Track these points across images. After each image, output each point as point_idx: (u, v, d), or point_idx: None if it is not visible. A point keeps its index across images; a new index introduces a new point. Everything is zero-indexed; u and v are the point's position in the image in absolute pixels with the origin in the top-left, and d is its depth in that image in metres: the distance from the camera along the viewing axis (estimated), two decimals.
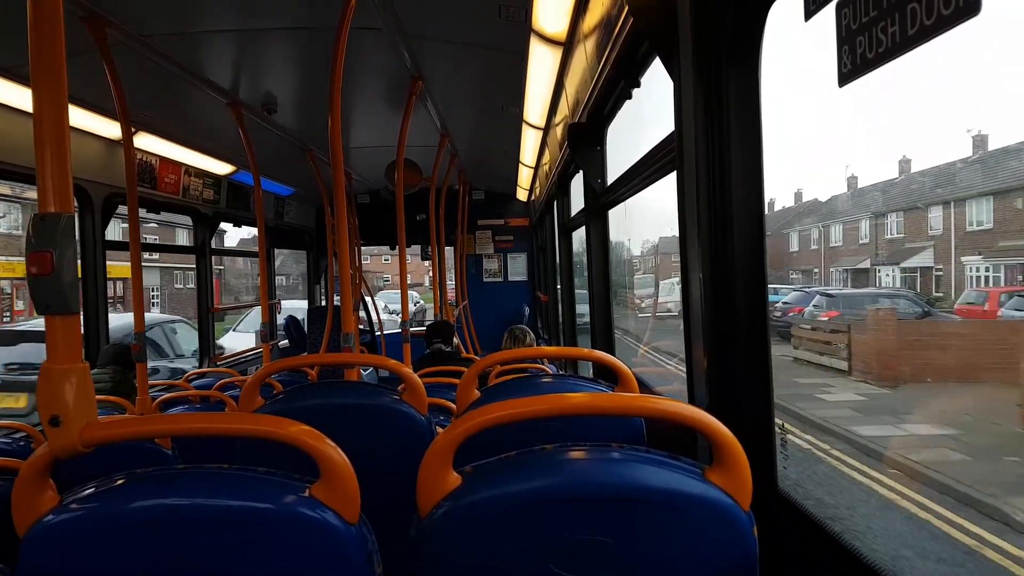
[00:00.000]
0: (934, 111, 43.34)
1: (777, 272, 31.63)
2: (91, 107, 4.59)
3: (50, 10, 1.53)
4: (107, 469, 1.41)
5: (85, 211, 5.16)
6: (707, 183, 1.96)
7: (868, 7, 1.33)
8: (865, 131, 45.68)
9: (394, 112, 5.10)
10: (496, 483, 1.33)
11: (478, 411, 1.37)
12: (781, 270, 32.20)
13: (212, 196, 7.04)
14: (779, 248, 32.77)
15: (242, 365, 7.95)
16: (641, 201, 3.88)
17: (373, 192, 10.05)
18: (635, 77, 3.23)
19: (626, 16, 2.61)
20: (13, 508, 1.29)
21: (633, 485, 1.30)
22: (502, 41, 3.92)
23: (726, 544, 1.29)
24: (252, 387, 2.46)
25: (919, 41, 1.19)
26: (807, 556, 1.75)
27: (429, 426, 2.39)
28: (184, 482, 1.35)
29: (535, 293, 10.86)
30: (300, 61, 4.45)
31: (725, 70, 1.89)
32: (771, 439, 1.92)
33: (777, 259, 32.72)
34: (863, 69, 1.37)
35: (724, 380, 1.97)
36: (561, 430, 1.99)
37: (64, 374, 1.48)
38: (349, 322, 3.68)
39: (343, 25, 3.22)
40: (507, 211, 11.03)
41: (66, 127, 1.53)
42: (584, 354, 3.34)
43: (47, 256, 1.50)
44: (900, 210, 23.73)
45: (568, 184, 6.24)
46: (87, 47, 3.44)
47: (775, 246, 32.13)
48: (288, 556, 1.28)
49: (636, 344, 15.26)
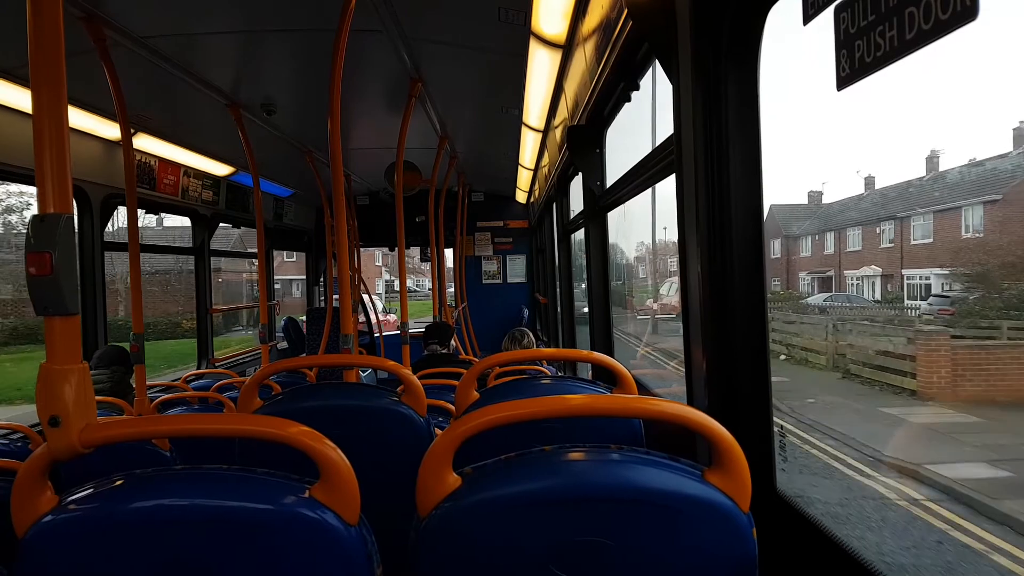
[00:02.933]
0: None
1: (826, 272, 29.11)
2: (90, 108, 4.59)
3: (50, 11, 1.53)
4: (104, 471, 1.41)
5: (84, 212, 5.16)
6: (706, 186, 1.96)
7: (866, 11, 1.34)
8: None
9: (394, 114, 5.11)
10: (495, 484, 1.33)
11: (477, 412, 1.37)
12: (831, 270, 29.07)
13: (211, 197, 7.04)
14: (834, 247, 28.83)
15: (240, 366, 7.94)
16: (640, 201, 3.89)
17: (372, 194, 10.05)
18: (634, 80, 3.23)
19: (625, 19, 2.61)
20: (12, 509, 1.29)
21: (633, 486, 1.30)
22: (502, 43, 3.92)
23: (726, 546, 1.29)
24: (251, 388, 2.46)
25: (917, 45, 1.20)
26: (805, 557, 1.76)
27: (428, 427, 2.39)
28: (184, 483, 1.35)
29: (534, 295, 10.86)
30: (300, 63, 4.45)
31: (724, 73, 1.89)
32: (770, 440, 1.92)
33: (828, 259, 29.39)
34: (861, 73, 1.37)
35: (723, 382, 1.97)
36: (560, 432, 1.99)
37: (63, 375, 1.48)
38: (348, 323, 3.68)
39: (343, 27, 3.22)
40: (506, 213, 11.04)
41: (66, 128, 1.53)
42: (583, 356, 3.35)
43: (46, 257, 1.50)
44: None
45: (567, 186, 6.24)
46: (86, 48, 3.44)
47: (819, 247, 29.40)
48: (288, 557, 1.28)
49: (637, 343, 15.23)
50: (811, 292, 29.46)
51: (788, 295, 29.89)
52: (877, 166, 51.17)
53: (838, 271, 28.31)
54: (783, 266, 30.70)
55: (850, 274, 27.04)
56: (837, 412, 11.36)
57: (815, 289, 29.41)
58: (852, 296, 25.77)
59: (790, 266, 31.13)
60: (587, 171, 4.31)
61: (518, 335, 5.46)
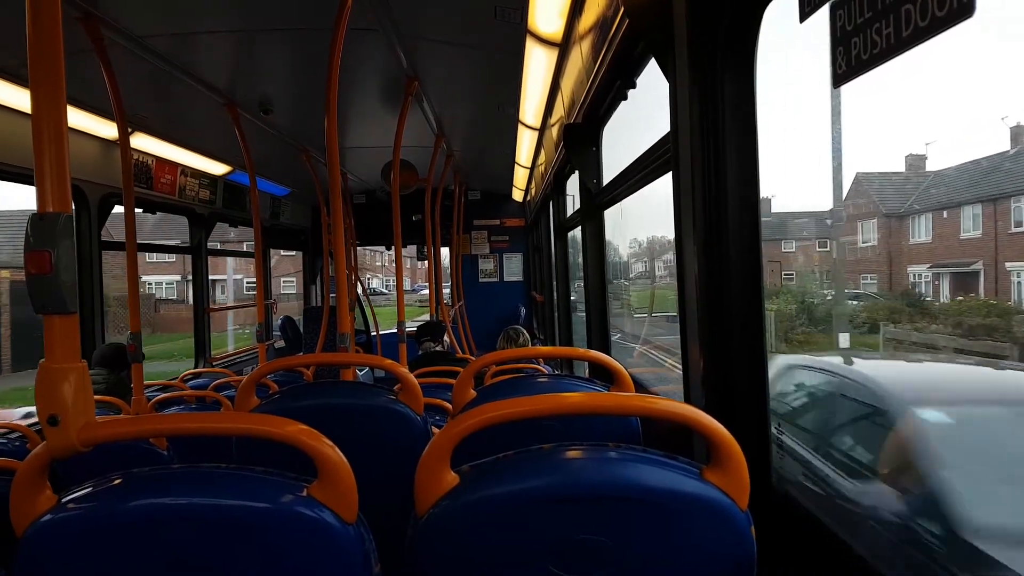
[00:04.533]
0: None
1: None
2: (87, 107, 4.59)
3: (48, 11, 1.53)
4: (101, 470, 1.41)
5: (81, 211, 5.15)
6: (703, 184, 1.96)
7: (863, 8, 1.34)
8: None
9: (390, 112, 5.10)
10: (493, 483, 1.34)
11: (475, 411, 1.37)
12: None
13: (208, 196, 7.04)
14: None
15: (237, 365, 7.93)
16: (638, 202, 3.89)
17: (369, 192, 10.05)
18: (631, 78, 3.24)
19: (622, 17, 2.61)
20: (11, 508, 1.29)
21: (632, 485, 1.30)
22: (498, 42, 3.92)
23: (724, 544, 1.30)
24: (248, 387, 2.46)
25: (914, 42, 1.20)
26: (804, 554, 1.76)
27: (425, 426, 2.40)
28: (182, 482, 1.35)
29: (531, 293, 10.86)
30: (296, 61, 4.45)
31: (721, 71, 1.89)
32: (767, 438, 1.93)
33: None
34: (858, 70, 1.38)
35: (720, 380, 1.98)
36: (558, 430, 1.99)
37: (62, 374, 1.48)
38: (345, 322, 3.68)
39: (339, 26, 3.22)
40: (503, 211, 11.04)
41: (64, 127, 1.53)
42: (580, 354, 3.35)
43: (45, 256, 1.50)
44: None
45: (564, 184, 6.25)
46: (84, 48, 3.44)
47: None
48: (286, 555, 1.28)
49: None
50: (927, 293, 18.64)
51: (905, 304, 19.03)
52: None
53: (994, 261, 17.09)
54: (884, 257, 19.82)
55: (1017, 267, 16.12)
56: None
57: (944, 289, 19.71)
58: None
59: (895, 257, 20.04)
60: (583, 169, 4.31)
61: (513, 334, 5.47)
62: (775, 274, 9.16)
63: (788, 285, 9.61)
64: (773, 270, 9.28)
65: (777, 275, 9.52)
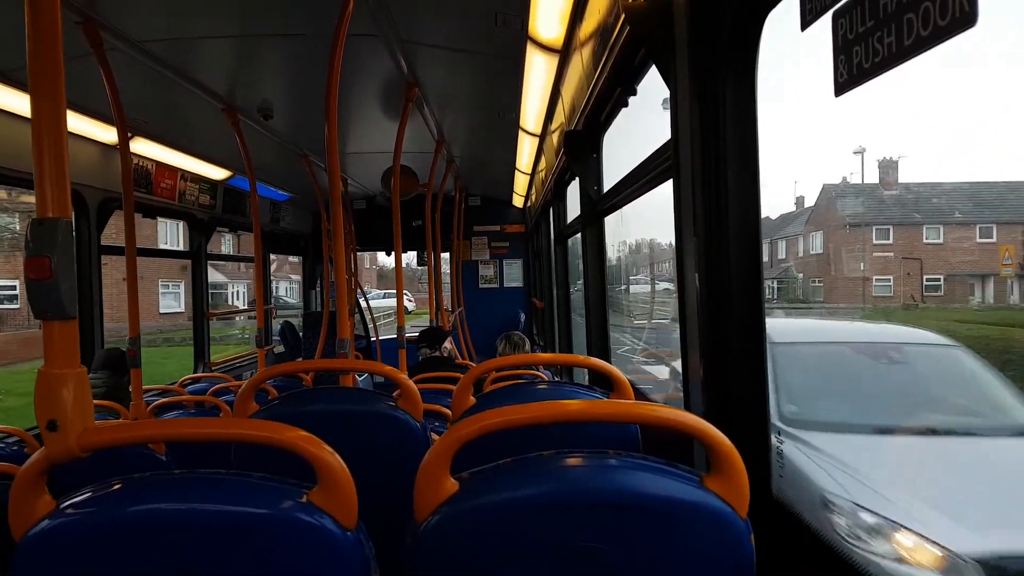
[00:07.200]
0: None
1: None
2: (87, 112, 4.59)
3: (48, 15, 1.53)
4: (100, 475, 1.40)
5: (80, 216, 5.15)
6: (703, 191, 1.97)
7: (865, 17, 1.35)
8: None
9: (390, 118, 5.11)
10: (493, 489, 1.33)
11: (474, 418, 1.36)
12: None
13: (208, 201, 7.03)
14: None
15: (237, 371, 7.93)
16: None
17: (369, 198, 10.06)
18: (631, 85, 3.24)
19: (623, 24, 2.62)
20: (9, 513, 1.29)
21: (632, 492, 1.30)
22: (499, 48, 3.93)
23: (724, 552, 1.29)
24: (247, 392, 2.45)
25: (916, 52, 1.20)
26: (802, 563, 1.76)
27: (424, 432, 2.39)
28: (181, 488, 1.35)
29: (531, 299, 10.87)
30: (297, 67, 4.46)
31: (722, 78, 1.90)
32: (766, 446, 1.92)
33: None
34: (860, 79, 1.38)
35: (719, 387, 1.98)
36: (557, 437, 1.99)
37: (62, 378, 1.48)
38: (345, 327, 3.68)
39: (339, 31, 3.22)
40: (503, 217, 11.05)
41: (64, 132, 1.53)
42: (579, 361, 3.34)
43: (45, 261, 1.49)
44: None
45: (564, 191, 6.25)
46: (83, 52, 3.44)
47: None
48: (285, 562, 1.27)
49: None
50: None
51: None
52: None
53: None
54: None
55: None
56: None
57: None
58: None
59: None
60: (584, 176, 4.31)
61: (515, 339, 5.47)
62: None
63: None
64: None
65: None
